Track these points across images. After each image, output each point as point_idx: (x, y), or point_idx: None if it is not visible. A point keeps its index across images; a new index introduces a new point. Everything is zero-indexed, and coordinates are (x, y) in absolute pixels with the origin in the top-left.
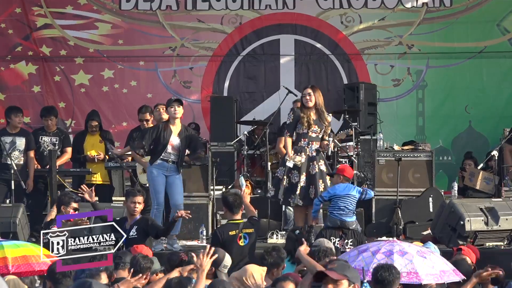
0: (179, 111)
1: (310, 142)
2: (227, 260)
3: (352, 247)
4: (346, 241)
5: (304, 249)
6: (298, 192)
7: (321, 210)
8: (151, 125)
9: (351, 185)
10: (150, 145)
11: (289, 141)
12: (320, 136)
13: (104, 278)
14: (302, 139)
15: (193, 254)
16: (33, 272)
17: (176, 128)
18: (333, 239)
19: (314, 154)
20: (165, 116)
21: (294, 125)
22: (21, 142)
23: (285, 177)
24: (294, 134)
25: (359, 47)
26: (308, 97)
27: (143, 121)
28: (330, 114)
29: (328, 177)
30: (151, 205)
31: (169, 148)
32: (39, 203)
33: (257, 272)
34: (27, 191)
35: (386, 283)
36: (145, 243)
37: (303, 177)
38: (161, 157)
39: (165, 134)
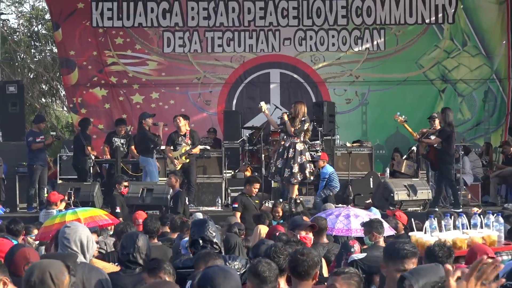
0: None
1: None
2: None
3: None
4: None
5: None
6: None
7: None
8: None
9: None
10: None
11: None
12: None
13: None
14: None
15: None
16: (98, 226)
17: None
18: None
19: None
20: (182, 124)
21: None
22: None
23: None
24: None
25: (323, 77)
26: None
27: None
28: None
29: (303, 157)
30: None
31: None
32: (110, 183)
33: (263, 230)
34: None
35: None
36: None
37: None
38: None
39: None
